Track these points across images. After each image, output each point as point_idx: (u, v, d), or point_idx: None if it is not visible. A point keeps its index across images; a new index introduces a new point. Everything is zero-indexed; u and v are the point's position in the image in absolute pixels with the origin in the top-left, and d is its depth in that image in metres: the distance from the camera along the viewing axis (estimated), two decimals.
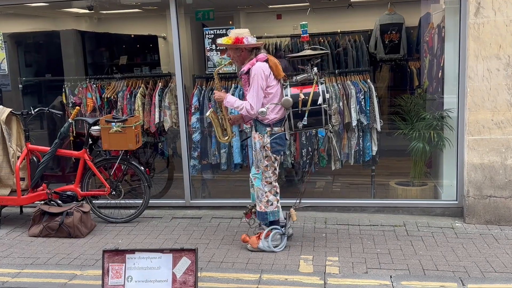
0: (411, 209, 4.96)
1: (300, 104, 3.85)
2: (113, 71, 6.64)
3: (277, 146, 3.97)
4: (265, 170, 4.00)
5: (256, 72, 3.82)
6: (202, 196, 5.59)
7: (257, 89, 3.84)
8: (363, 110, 5.03)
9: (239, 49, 3.91)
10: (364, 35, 6.47)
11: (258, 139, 3.98)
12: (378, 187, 5.37)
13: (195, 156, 5.33)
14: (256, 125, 4.00)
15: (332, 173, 5.52)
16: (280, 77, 3.95)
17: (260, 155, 3.98)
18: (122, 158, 4.91)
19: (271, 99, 3.93)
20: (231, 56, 3.99)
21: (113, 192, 4.95)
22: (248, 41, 3.88)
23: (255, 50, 3.94)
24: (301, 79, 3.92)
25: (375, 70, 6.66)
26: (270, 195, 4.04)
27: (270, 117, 3.94)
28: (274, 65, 3.91)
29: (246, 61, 3.94)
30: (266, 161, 3.97)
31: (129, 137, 4.82)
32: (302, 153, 5.19)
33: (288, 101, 3.83)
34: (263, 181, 4.02)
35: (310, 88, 3.87)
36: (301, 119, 3.86)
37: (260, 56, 3.92)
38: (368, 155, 5.14)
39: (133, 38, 7.26)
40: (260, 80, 3.82)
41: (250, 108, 3.86)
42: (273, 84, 3.92)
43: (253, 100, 3.85)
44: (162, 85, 5.44)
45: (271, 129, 3.94)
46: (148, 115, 5.41)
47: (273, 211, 4.06)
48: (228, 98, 4.01)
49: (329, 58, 6.04)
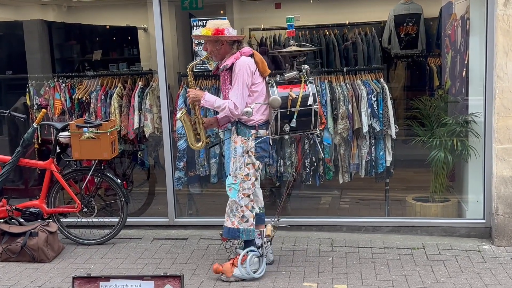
0: (431, 229, 4.98)
1: (289, 105, 3.93)
2: (85, 67, 6.63)
3: (261, 151, 4.02)
4: (245, 180, 4.01)
5: (241, 67, 3.86)
6: (189, 214, 5.58)
7: (242, 86, 3.87)
8: (375, 114, 5.06)
9: (219, 42, 3.95)
10: (377, 28, 6.50)
11: (241, 143, 4.00)
12: (393, 203, 5.39)
13: (180, 167, 5.35)
14: (239, 127, 4.04)
15: (339, 186, 5.55)
16: (266, 74, 4.02)
17: (241, 162, 4.00)
18: (96, 170, 4.91)
19: (256, 98, 3.98)
20: (209, 50, 4.01)
21: (85, 209, 4.94)
22: (229, 33, 3.92)
23: (236, 44, 3.98)
24: (289, 77, 3.99)
25: (389, 67, 6.70)
26: (246, 210, 4.05)
27: (256, 118, 3.99)
28: (260, 61, 3.98)
29: (227, 55, 3.98)
30: (248, 169, 4.00)
31: (103, 145, 4.83)
32: (305, 164, 5.20)
33: (277, 100, 3.90)
34: (240, 193, 4.03)
35: (298, 87, 3.97)
36: (289, 121, 3.93)
37: (245, 50, 3.97)
38: (381, 166, 5.16)
39: (109, 29, 7.24)
40: (246, 76, 3.86)
41: (234, 107, 3.88)
42: (259, 82, 3.98)
43: (237, 99, 3.88)
44: (143, 85, 5.46)
45: (256, 132, 3.99)
46: (126, 119, 5.43)
47: (247, 229, 4.06)
48: (207, 97, 4.02)
49: (336, 54, 6.09)
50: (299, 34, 6.20)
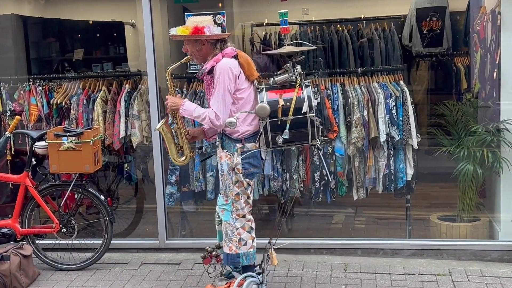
0: (458, 252, 4.96)
1: (280, 113, 3.87)
2: (65, 68, 6.66)
3: (250, 167, 3.99)
4: (236, 200, 4.01)
5: (221, 70, 3.84)
6: (182, 235, 5.58)
7: (224, 92, 3.85)
8: (394, 121, 5.06)
9: (199, 42, 3.95)
10: (396, 23, 6.49)
11: (225, 158, 4.00)
12: (415, 222, 5.38)
13: (172, 182, 5.35)
14: (223, 140, 4.03)
15: (354, 204, 5.53)
16: (253, 78, 3.99)
17: (229, 180, 4.00)
18: (76, 185, 4.91)
19: (242, 106, 3.96)
20: (189, 51, 4.02)
21: (64, 230, 4.93)
22: (210, 31, 3.92)
23: (219, 43, 3.97)
24: (281, 80, 3.97)
25: (410, 68, 6.70)
26: (243, 232, 4.05)
27: (241, 130, 3.96)
28: (245, 63, 3.95)
29: (209, 57, 3.98)
30: (237, 187, 3.99)
31: (85, 157, 4.83)
32: (314, 178, 5.20)
33: (264, 108, 3.85)
34: (234, 214, 4.03)
35: (292, 92, 3.91)
36: (281, 132, 3.88)
37: (228, 51, 3.95)
38: (402, 180, 5.16)
39: (92, 25, 7.24)
40: (227, 81, 3.85)
41: (214, 117, 3.87)
42: (245, 87, 3.96)
43: (219, 108, 3.86)
44: (130, 88, 5.48)
45: (243, 146, 3.97)
46: (110, 127, 5.43)
47: (247, 252, 4.06)
48: (186, 105, 4.01)
49: (350, 53, 6.08)
50: (308, 30, 6.22)
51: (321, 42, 6.03)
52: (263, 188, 5.33)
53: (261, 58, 5.59)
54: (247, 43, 6.46)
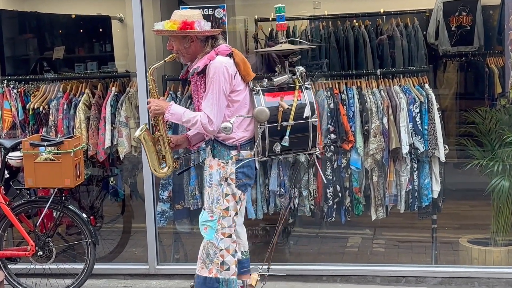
0: (492, 281, 4.93)
1: (280, 117, 3.91)
2: (43, 68, 6.63)
3: (244, 178, 4.01)
4: (224, 216, 4.01)
5: (216, 69, 3.86)
6: (175, 259, 5.57)
7: (218, 94, 3.86)
8: (418, 130, 5.05)
9: (188, 38, 3.96)
10: (420, 18, 6.50)
11: (217, 168, 4.01)
12: (442, 246, 5.36)
13: (164, 198, 5.34)
14: (215, 147, 4.03)
15: (372, 224, 5.52)
16: (250, 79, 4.03)
17: (218, 192, 4.01)
18: (55, 201, 4.88)
19: (237, 109, 3.98)
20: (175, 49, 4.03)
21: (40, 252, 4.90)
22: (201, 27, 3.93)
23: (210, 41, 4.00)
24: (280, 82, 3.99)
25: (437, 70, 6.71)
26: (227, 254, 4.04)
27: (237, 136, 3.99)
28: (241, 62, 3.98)
29: (198, 55, 4.00)
30: (227, 201, 4.00)
31: (65, 169, 4.81)
32: (326, 194, 5.19)
33: (264, 112, 3.88)
34: (219, 233, 4.03)
35: (292, 94, 3.97)
36: (280, 138, 3.92)
37: (222, 48, 3.97)
38: (427, 198, 5.13)
39: (74, 20, 7.27)
40: (223, 81, 3.86)
41: (207, 122, 3.87)
42: (240, 89, 3.98)
43: (212, 111, 3.86)
44: (117, 91, 5.48)
45: (238, 153, 3.99)
46: (94, 136, 5.43)
47: (228, 279, 4.04)
48: (173, 109, 4.01)
49: (367, 52, 6.09)
50: (320, 26, 6.22)
51: (318, 41, 6.06)
52: (268, 206, 5.32)
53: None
54: (251, 40, 6.49)
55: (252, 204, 5.27)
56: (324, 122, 5.10)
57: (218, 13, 5.18)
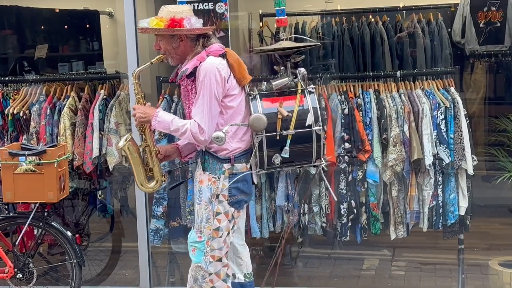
0: None
1: (279, 126, 3.88)
2: (24, 69, 6.68)
3: (239, 194, 3.99)
4: (213, 237, 4.00)
5: (207, 72, 3.84)
6: (170, 283, 5.55)
7: (210, 100, 3.85)
8: (443, 139, 5.03)
9: (177, 37, 3.96)
10: (444, 13, 6.53)
11: (208, 183, 4.01)
12: (469, 269, 5.34)
13: (158, 214, 5.33)
14: (206, 160, 4.03)
15: (391, 244, 5.52)
16: (245, 83, 4.02)
17: (208, 211, 4.00)
18: (36, 217, 4.86)
19: (231, 117, 3.96)
20: (162, 49, 4.03)
21: (19, 275, 4.87)
22: (191, 24, 3.92)
23: (201, 39, 3.99)
24: (279, 85, 3.97)
25: (463, 71, 6.70)
26: (217, 280, 4.04)
27: (231, 147, 3.97)
28: (235, 63, 3.97)
29: (188, 56, 3.99)
30: (218, 221, 3.99)
31: (48, 181, 4.79)
32: (340, 211, 5.17)
33: (261, 120, 3.85)
34: (208, 256, 4.03)
35: (292, 100, 3.95)
36: (279, 149, 3.89)
37: (214, 48, 3.95)
38: (453, 215, 5.10)
39: (59, 15, 7.31)
40: (215, 85, 3.85)
41: (198, 131, 3.86)
42: (235, 94, 3.97)
43: (203, 119, 3.86)
44: (106, 94, 5.48)
45: (232, 167, 3.97)
46: (81, 144, 5.41)
47: None
48: (160, 116, 4.00)
49: (385, 50, 6.12)
50: (332, 21, 6.24)
51: (330, 39, 6.05)
52: (274, 223, 5.30)
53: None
54: (255, 38, 6.53)
55: (256, 221, 5.24)
56: (337, 129, 5.07)
57: (220, 7, 5.16)
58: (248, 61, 5.03)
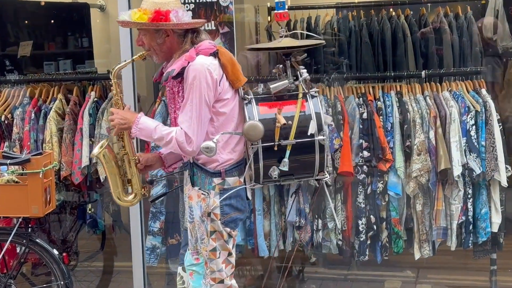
0: None
1: (277, 135, 3.80)
2: (5, 68, 6.67)
3: (232, 211, 3.94)
4: (211, 258, 3.96)
5: (196, 73, 3.78)
6: None
7: (199, 105, 3.79)
8: (474, 147, 5.00)
9: (162, 32, 3.91)
10: (474, 6, 6.47)
11: (197, 199, 3.97)
12: None
13: (155, 230, 5.33)
14: (195, 173, 3.99)
15: (415, 264, 5.51)
16: (239, 85, 3.97)
17: (202, 230, 3.98)
18: (19, 233, 4.81)
19: (223, 124, 3.90)
20: (146, 45, 3.98)
21: None
22: (178, 18, 3.87)
23: (190, 35, 3.95)
24: (278, 88, 3.89)
25: (495, 71, 6.56)
26: None
27: (221, 159, 3.91)
28: (228, 63, 3.91)
29: (175, 54, 3.94)
30: (213, 240, 3.93)
31: (32, 193, 4.73)
32: (358, 227, 5.14)
33: (256, 128, 3.77)
34: (208, 279, 3.99)
35: (293, 105, 3.89)
36: (277, 161, 3.83)
37: (204, 46, 3.89)
38: (484, 232, 5.09)
39: (45, 8, 7.35)
40: (205, 89, 3.79)
41: (184, 140, 3.80)
42: (228, 98, 3.90)
43: (191, 126, 3.80)
44: (97, 96, 5.47)
45: (223, 181, 3.92)
46: (69, 152, 5.41)
47: None
48: (142, 122, 3.94)
49: (408, 48, 6.10)
50: (349, 16, 6.23)
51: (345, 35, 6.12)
52: (284, 241, 5.28)
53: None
54: (263, 33, 6.54)
55: (264, 238, 5.26)
56: (355, 136, 5.07)
57: (224, 0, 5.14)
58: (253, 59, 4.91)
